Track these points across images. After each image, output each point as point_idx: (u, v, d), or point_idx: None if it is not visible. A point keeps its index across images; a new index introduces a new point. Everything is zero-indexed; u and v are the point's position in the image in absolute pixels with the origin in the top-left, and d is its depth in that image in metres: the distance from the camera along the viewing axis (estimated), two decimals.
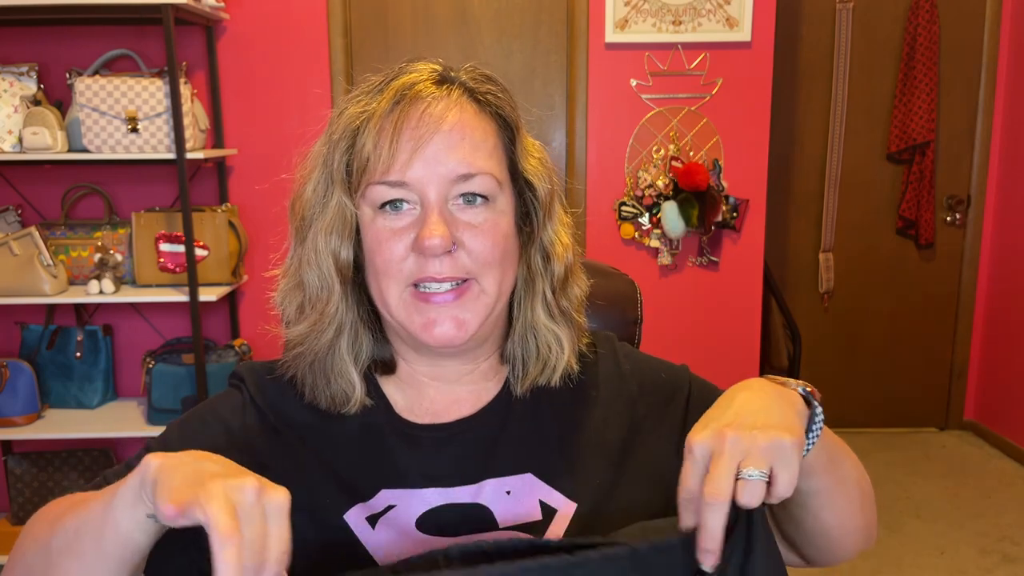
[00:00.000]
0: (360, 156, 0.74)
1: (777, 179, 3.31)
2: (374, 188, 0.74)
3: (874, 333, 3.61)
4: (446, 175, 0.73)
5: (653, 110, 2.80)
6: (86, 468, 2.59)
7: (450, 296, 0.75)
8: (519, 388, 0.82)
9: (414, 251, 0.74)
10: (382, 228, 0.75)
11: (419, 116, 0.73)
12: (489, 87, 0.79)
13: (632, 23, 2.74)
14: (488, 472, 0.79)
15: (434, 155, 0.73)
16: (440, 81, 0.77)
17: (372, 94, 0.76)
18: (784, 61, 3.30)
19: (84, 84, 2.35)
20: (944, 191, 3.49)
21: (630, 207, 2.83)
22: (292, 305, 0.80)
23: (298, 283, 0.80)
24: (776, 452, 0.59)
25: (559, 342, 0.82)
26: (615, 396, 0.85)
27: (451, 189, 0.74)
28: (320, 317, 0.78)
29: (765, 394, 0.66)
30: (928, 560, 2.63)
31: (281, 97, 2.75)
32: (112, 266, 2.51)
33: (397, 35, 2.85)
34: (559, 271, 0.82)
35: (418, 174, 0.73)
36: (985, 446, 3.52)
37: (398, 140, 0.73)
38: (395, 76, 0.77)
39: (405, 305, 0.76)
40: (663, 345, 2.87)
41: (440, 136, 0.73)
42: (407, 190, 0.74)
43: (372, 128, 0.73)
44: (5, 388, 2.53)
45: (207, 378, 2.49)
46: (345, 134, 0.75)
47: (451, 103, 0.75)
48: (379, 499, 0.77)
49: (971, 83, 3.41)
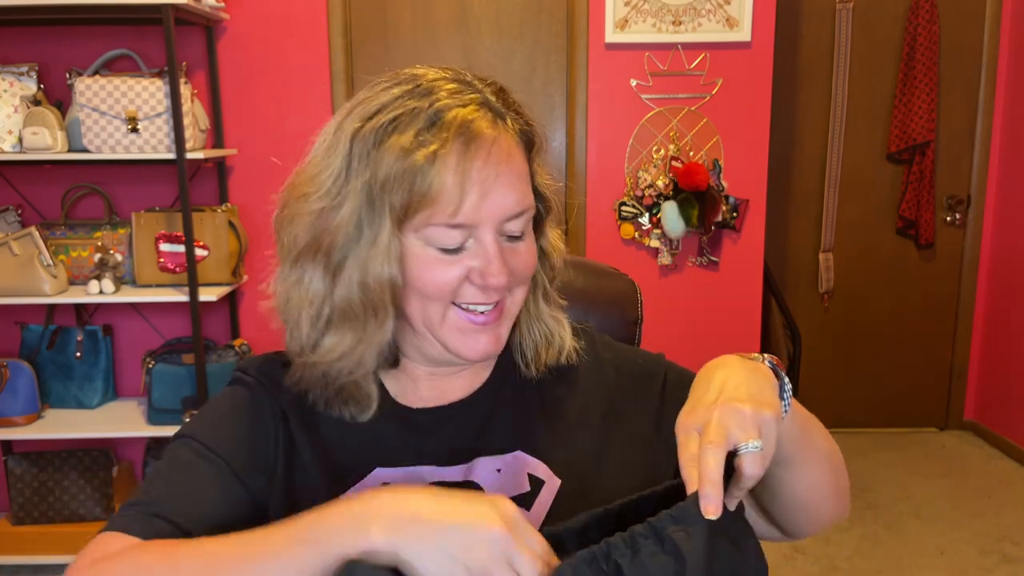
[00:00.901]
0: (425, 196, 0.72)
1: (777, 179, 3.31)
2: (438, 230, 0.74)
3: (874, 333, 3.61)
4: (505, 214, 0.76)
5: (653, 110, 2.80)
6: (86, 468, 2.59)
7: (492, 316, 0.79)
8: (535, 371, 0.88)
9: (471, 282, 0.76)
10: (435, 260, 0.75)
11: (484, 159, 0.73)
12: (519, 112, 0.79)
13: (632, 23, 2.74)
14: (479, 452, 0.83)
15: (498, 197, 0.74)
16: (492, 116, 0.76)
17: (425, 127, 0.73)
18: (784, 61, 3.30)
19: (84, 84, 2.35)
20: (944, 191, 3.50)
21: (630, 207, 2.83)
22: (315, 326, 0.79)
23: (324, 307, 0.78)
24: (762, 423, 0.64)
25: (559, 323, 0.89)
26: (596, 381, 0.90)
27: (503, 226, 0.76)
28: (361, 343, 0.78)
29: (741, 370, 0.70)
30: (928, 560, 2.63)
31: (281, 97, 2.75)
32: (112, 266, 2.51)
33: (397, 35, 2.85)
34: (559, 265, 0.88)
35: (481, 215, 0.74)
36: (985, 446, 3.52)
37: (468, 184, 0.73)
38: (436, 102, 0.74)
39: (448, 325, 0.78)
40: (663, 345, 2.86)
41: (502, 177, 0.74)
42: (467, 230, 0.75)
43: (440, 170, 0.72)
44: (5, 388, 2.53)
45: (207, 378, 2.49)
46: (405, 171, 0.72)
47: (506, 140, 0.76)
48: (373, 477, 0.80)
49: (971, 83, 3.41)
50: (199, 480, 0.76)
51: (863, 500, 3.03)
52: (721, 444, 0.62)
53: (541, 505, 0.80)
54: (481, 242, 0.75)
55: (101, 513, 2.60)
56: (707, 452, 0.61)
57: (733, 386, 0.68)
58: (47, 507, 2.59)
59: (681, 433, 0.66)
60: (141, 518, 0.71)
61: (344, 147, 0.75)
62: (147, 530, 0.70)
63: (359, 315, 0.77)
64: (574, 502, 0.79)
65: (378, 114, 0.74)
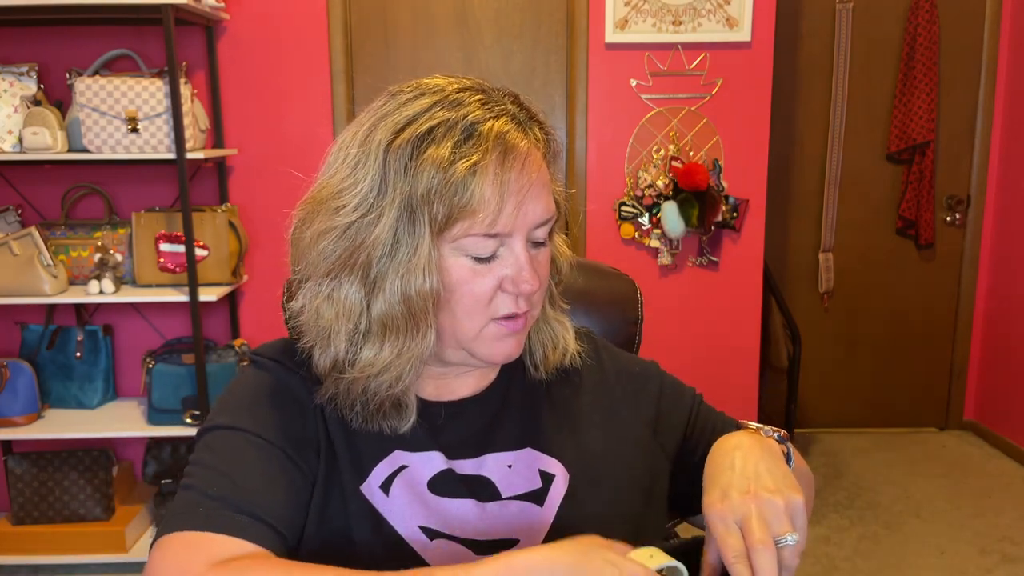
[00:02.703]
0: (466, 207, 0.74)
1: (777, 179, 3.31)
2: (475, 240, 0.76)
3: (874, 333, 3.61)
4: (535, 222, 0.78)
5: (653, 110, 2.80)
6: (86, 468, 2.59)
7: (521, 323, 0.81)
8: (543, 373, 0.90)
9: (503, 290, 0.78)
10: (469, 271, 0.77)
11: (520, 170, 0.76)
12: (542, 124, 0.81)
13: (632, 23, 2.74)
14: (489, 448, 0.85)
15: (530, 207, 0.77)
16: (523, 129, 0.78)
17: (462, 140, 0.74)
18: (784, 61, 3.30)
19: (84, 84, 2.35)
20: (944, 191, 3.50)
21: (630, 207, 2.83)
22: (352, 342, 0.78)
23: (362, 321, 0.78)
24: (794, 513, 0.70)
25: (563, 326, 0.92)
26: (598, 383, 0.94)
27: (532, 233, 0.79)
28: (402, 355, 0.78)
29: (759, 451, 0.76)
30: (928, 560, 2.63)
31: (281, 97, 2.75)
32: (112, 266, 2.51)
33: (397, 35, 2.85)
34: (564, 269, 0.91)
35: (516, 225, 0.77)
36: (985, 446, 3.52)
37: (506, 194, 0.75)
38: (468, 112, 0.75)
39: (485, 335, 0.80)
40: (663, 345, 2.87)
41: (534, 187, 0.77)
42: (500, 238, 0.77)
43: (481, 181, 0.74)
44: (5, 388, 2.54)
45: (207, 378, 2.49)
46: (447, 182, 0.73)
47: (537, 151, 0.79)
48: (392, 459, 0.82)
49: (971, 83, 3.41)
50: (270, 474, 0.75)
51: (863, 500, 3.03)
52: (770, 544, 0.67)
53: (553, 499, 0.83)
54: (512, 250, 0.77)
55: (101, 513, 2.60)
56: (761, 554, 0.66)
57: (756, 472, 0.73)
58: (47, 507, 2.59)
59: (719, 524, 0.70)
60: (236, 519, 0.70)
61: (377, 159, 0.75)
62: (246, 532, 0.70)
63: (401, 327, 0.77)
64: (585, 496, 0.84)
65: (410, 126, 0.75)
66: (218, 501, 0.71)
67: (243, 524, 0.70)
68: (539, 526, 0.81)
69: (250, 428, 0.77)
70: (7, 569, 2.58)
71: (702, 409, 0.97)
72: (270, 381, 0.83)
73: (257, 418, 0.79)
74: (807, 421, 3.67)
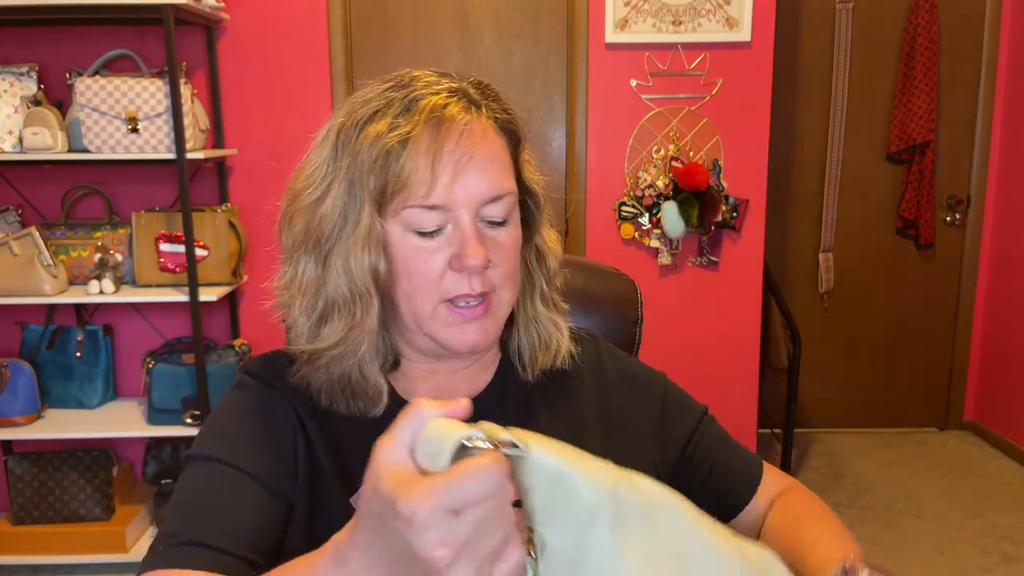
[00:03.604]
0: (398, 178, 0.75)
1: (777, 179, 3.31)
2: (414, 212, 0.76)
3: (874, 333, 3.61)
4: (480, 198, 0.77)
5: (653, 110, 2.80)
6: (86, 468, 2.59)
7: (479, 310, 0.79)
8: (530, 374, 0.89)
9: (452, 268, 0.77)
10: (417, 247, 0.77)
11: (456, 140, 0.76)
12: (498, 103, 0.82)
13: (632, 23, 2.74)
14: None
15: (471, 179, 0.76)
16: (466, 103, 0.79)
17: (399, 114, 0.76)
18: (784, 61, 3.31)
19: (84, 84, 2.35)
20: (944, 191, 3.50)
21: (630, 207, 2.83)
22: (311, 316, 0.81)
23: (319, 297, 0.80)
24: None
25: (557, 327, 0.90)
26: (597, 385, 0.92)
27: (481, 210, 0.78)
28: (353, 330, 0.79)
29: None
30: (928, 560, 2.63)
31: (281, 97, 2.75)
32: (112, 266, 2.51)
33: (397, 35, 2.85)
34: (553, 266, 0.89)
35: (456, 197, 0.76)
36: (985, 446, 3.52)
37: (438, 165, 0.75)
38: (413, 92, 0.77)
39: (438, 318, 0.79)
40: (663, 345, 2.87)
41: (475, 161, 0.76)
42: (444, 212, 0.76)
43: (411, 152, 0.75)
44: (5, 388, 2.53)
45: (207, 378, 2.49)
46: (379, 154, 0.75)
47: (480, 127, 0.78)
48: None
49: (971, 83, 3.41)
50: (230, 500, 0.75)
51: (863, 500, 3.03)
52: None
53: None
54: (458, 225, 0.77)
55: (101, 513, 2.60)
56: None
57: None
58: (47, 507, 2.59)
59: None
60: (185, 551, 0.70)
61: (331, 140, 0.80)
62: (195, 561, 0.69)
63: (346, 303, 0.79)
64: None
65: (362, 108, 0.78)
66: (172, 537, 0.72)
67: (193, 554, 0.70)
68: None
69: (219, 455, 0.78)
70: (7, 569, 2.58)
71: (709, 429, 0.95)
72: (250, 404, 0.83)
73: (228, 445, 0.79)
74: (807, 421, 3.67)
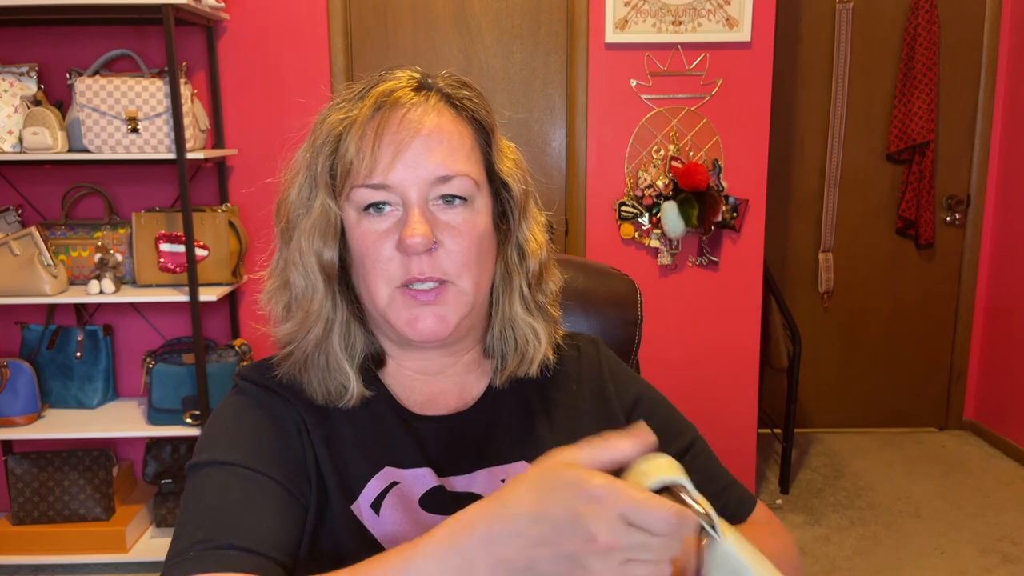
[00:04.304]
0: (344, 160, 0.77)
1: (777, 179, 3.31)
2: (357, 191, 0.77)
3: (874, 333, 3.61)
4: (426, 177, 0.76)
5: (653, 110, 2.80)
6: (86, 468, 2.59)
7: (432, 295, 0.78)
8: (499, 380, 0.87)
9: (399, 251, 0.77)
10: (367, 230, 0.78)
11: (399, 121, 0.76)
12: (465, 92, 0.82)
13: (632, 23, 2.74)
14: (481, 463, 0.83)
15: (414, 158, 0.76)
16: (418, 88, 0.80)
17: (353, 101, 0.79)
18: (784, 61, 3.31)
19: (84, 84, 2.35)
20: (944, 191, 3.50)
21: (630, 207, 2.83)
22: (279, 305, 0.83)
23: (284, 283, 0.82)
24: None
25: (536, 335, 0.86)
26: (596, 392, 0.90)
27: (431, 190, 0.77)
28: (306, 316, 0.80)
29: None
30: (928, 560, 2.63)
31: (281, 97, 2.76)
32: (112, 266, 2.51)
33: (397, 35, 2.85)
34: (534, 267, 0.86)
35: (399, 177, 0.76)
36: (985, 446, 3.52)
37: (380, 145, 0.76)
38: (375, 84, 0.80)
39: (393, 303, 0.79)
40: (663, 345, 2.87)
41: (420, 140, 0.76)
42: (389, 192, 0.76)
43: (355, 133, 0.76)
44: (5, 388, 2.54)
45: (207, 378, 2.49)
46: (328, 139, 0.78)
47: (429, 108, 0.78)
48: (383, 475, 0.80)
49: (971, 83, 3.41)
50: (258, 503, 0.73)
51: (863, 500, 3.03)
52: None
53: None
54: (405, 206, 0.77)
55: (101, 513, 2.60)
56: None
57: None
58: (47, 507, 2.59)
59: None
60: (220, 555, 0.68)
61: (309, 136, 0.82)
62: (234, 565, 0.67)
63: (303, 290, 0.80)
64: None
65: (334, 102, 0.81)
66: (203, 543, 0.69)
67: (229, 558, 0.68)
68: None
69: (235, 460, 0.75)
70: (7, 569, 2.58)
71: (694, 450, 0.89)
72: (253, 407, 0.81)
73: (242, 448, 0.77)
74: (807, 421, 3.67)
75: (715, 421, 2.85)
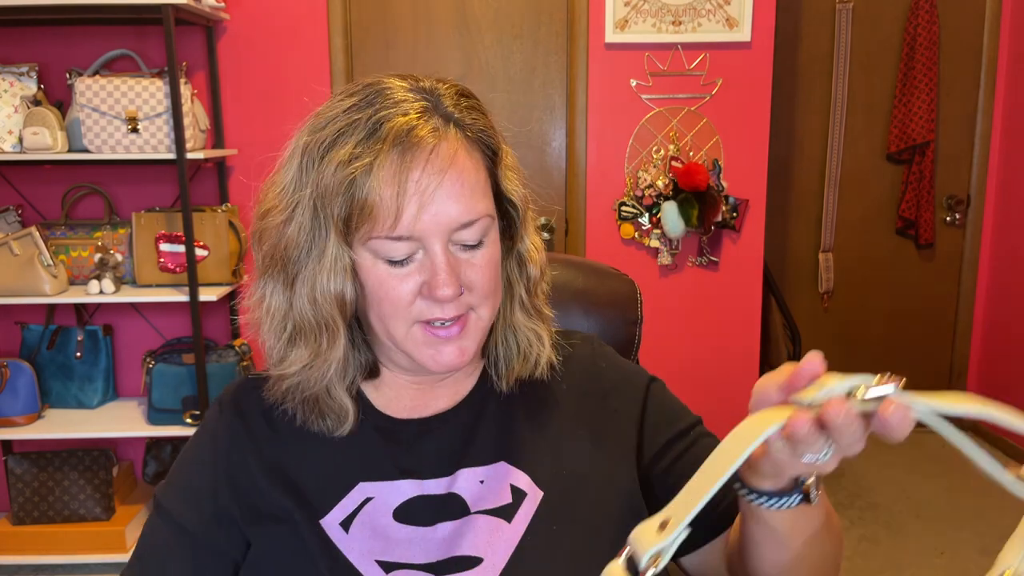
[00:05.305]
0: (363, 209, 0.72)
1: (777, 179, 3.31)
2: (381, 242, 0.73)
3: (874, 333, 3.61)
4: (450, 225, 0.74)
5: (653, 110, 2.80)
6: (86, 468, 2.59)
7: (455, 330, 0.77)
8: (504, 384, 0.86)
9: (423, 296, 0.75)
10: (386, 274, 0.75)
11: (423, 168, 0.72)
12: (473, 117, 0.77)
13: (632, 23, 2.74)
14: (463, 463, 0.81)
15: (440, 207, 0.73)
16: (436, 122, 0.74)
17: (363, 139, 0.72)
18: (784, 61, 3.30)
19: (84, 84, 2.35)
20: (944, 191, 3.50)
21: (630, 207, 2.83)
22: (280, 339, 0.80)
23: (287, 320, 0.79)
24: None
25: (538, 337, 0.86)
26: (589, 389, 0.88)
27: (453, 235, 0.75)
28: (319, 358, 0.78)
29: None
30: (928, 560, 2.63)
31: (281, 97, 2.75)
32: (112, 266, 2.51)
33: (397, 35, 2.85)
34: (535, 274, 0.85)
35: (424, 227, 0.73)
36: (985, 446, 3.50)
37: (404, 195, 0.71)
38: (379, 112, 0.73)
39: (413, 340, 0.77)
40: (663, 345, 2.87)
41: (443, 187, 0.72)
42: (412, 242, 0.73)
43: (376, 181, 0.71)
44: (5, 388, 2.53)
45: (207, 378, 2.49)
46: (342, 183, 0.72)
47: (449, 147, 0.74)
48: (356, 492, 0.80)
49: (971, 83, 3.41)
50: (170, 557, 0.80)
51: (863, 500, 3.03)
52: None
53: (522, 516, 0.79)
54: (429, 253, 0.74)
55: (101, 513, 2.60)
56: None
57: None
58: (47, 507, 2.59)
59: None
60: None
61: (296, 160, 0.76)
62: None
63: (313, 330, 0.77)
64: (557, 514, 0.79)
65: (326, 127, 0.74)
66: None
67: None
68: (506, 543, 0.77)
69: (170, 507, 0.82)
70: (7, 569, 2.58)
71: (698, 440, 0.87)
72: (206, 444, 0.84)
73: (180, 498, 0.82)
74: None
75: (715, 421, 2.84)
